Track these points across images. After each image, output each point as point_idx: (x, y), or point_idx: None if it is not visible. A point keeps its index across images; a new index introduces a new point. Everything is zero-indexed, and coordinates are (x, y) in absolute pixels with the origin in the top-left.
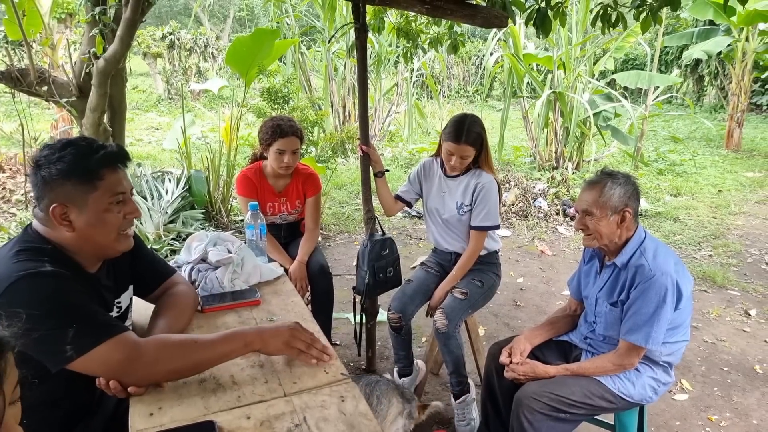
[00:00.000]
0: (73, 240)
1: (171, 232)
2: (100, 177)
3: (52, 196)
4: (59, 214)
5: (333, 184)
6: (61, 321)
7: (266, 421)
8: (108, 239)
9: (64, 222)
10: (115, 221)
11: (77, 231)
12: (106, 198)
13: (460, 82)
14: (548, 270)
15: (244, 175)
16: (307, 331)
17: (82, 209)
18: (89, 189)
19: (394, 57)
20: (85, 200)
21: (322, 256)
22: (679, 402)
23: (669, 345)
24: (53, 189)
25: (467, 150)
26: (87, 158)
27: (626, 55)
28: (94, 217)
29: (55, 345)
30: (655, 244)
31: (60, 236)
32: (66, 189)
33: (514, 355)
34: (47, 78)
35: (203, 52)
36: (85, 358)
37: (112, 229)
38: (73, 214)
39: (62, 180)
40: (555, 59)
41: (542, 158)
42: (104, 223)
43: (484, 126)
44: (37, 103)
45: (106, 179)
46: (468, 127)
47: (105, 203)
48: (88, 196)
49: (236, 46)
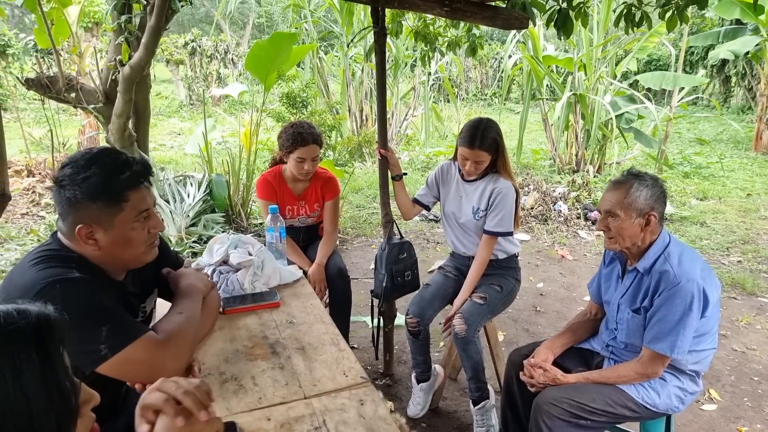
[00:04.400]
0: (100, 256)
1: (192, 235)
2: (126, 199)
3: (78, 217)
4: (85, 234)
5: (350, 187)
6: (95, 321)
7: (286, 423)
8: (135, 254)
9: (90, 241)
10: (141, 237)
11: (103, 249)
12: (132, 217)
13: (477, 85)
14: (569, 275)
15: (264, 179)
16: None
17: (107, 230)
18: (115, 211)
19: (411, 61)
20: (111, 221)
21: (340, 259)
22: (707, 412)
23: (696, 353)
24: (78, 210)
25: (482, 155)
26: (112, 180)
27: (649, 56)
28: (120, 237)
29: (90, 344)
30: (680, 249)
31: (85, 251)
32: (91, 211)
33: (535, 371)
34: (75, 85)
35: (224, 58)
36: (119, 357)
37: (138, 246)
38: (99, 233)
39: (88, 203)
40: (576, 61)
41: (562, 161)
42: (130, 241)
43: (501, 130)
44: (65, 110)
45: (132, 200)
46: (483, 132)
47: (130, 222)
48: (115, 217)
49: (255, 51)
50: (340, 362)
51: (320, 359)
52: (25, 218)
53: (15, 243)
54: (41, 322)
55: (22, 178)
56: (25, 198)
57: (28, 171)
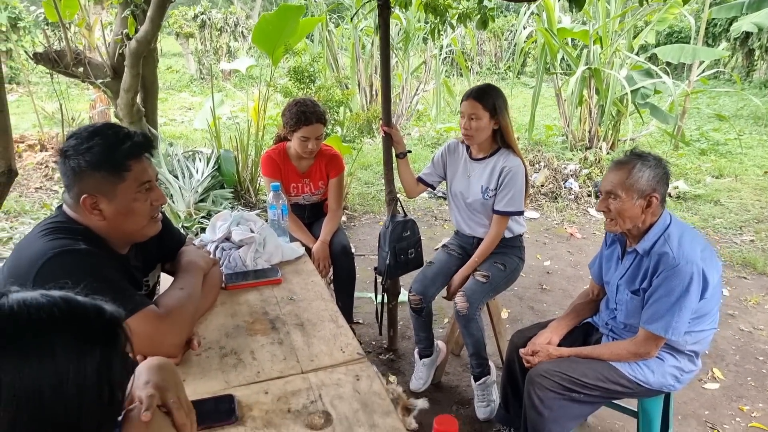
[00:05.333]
0: (104, 227)
1: (201, 211)
2: (128, 168)
3: (82, 186)
4: (89, 204)
5: (359, 164)
6: (98, 292)
7: (283, 397)
8: (137, 226)
9: (95, 211)
10: (144, 209)
11: (108, 220)
12: (134, 187)
13: (491, 59)
14: (577, 253)
15: (269, 156)
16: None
17: (111, 199)
18: (117, 180)
19: (422, 34)
20: (114, 191)
21: (344, 237)
22: (709, 391)
23: (695, 334)
24: (82, 180)
25: (477, 108)
26: (114, 150)
27: (670, 27)
28: (123, 207)
29: None
30: (680, 230)
31: (91, 223)
32: (95, 180)
33: (537, 356)
34: (83, 59)
35: (233, 31)
36: None
37: (140, 217)
38: (103, 203)
39: (91, 171)
40: (591, 33)
41: (575, 138)
42: (133, 212)
43: (506, 101)
44: (76, 84)
45: (133, 170)
46: (484, 89)
47: (133, 192)
48: (117, 186)
49: (262, 24)
50: (337, 338)
51: (318, 335)
52: (38, 192)
53: (29, 217)
54: (110, 324)
55: (35, 153)
56: (38, 172)
57: (41, 145)
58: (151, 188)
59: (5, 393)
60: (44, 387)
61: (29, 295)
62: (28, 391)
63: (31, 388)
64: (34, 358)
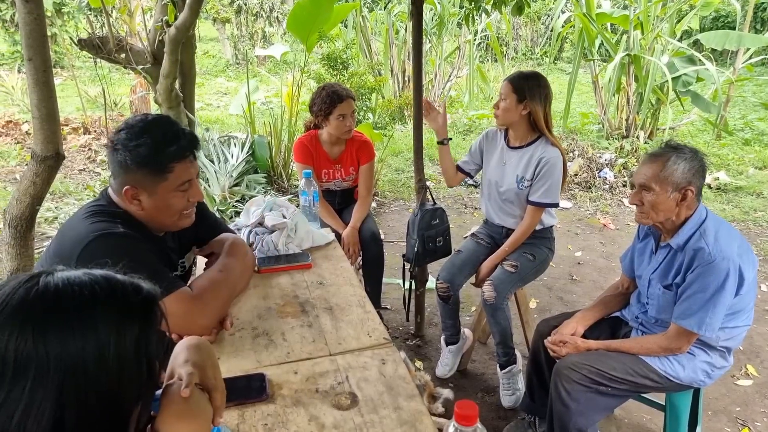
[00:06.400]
0: (143, 215)
1: (236, 195)
2: (170, 170)
3: (125, 179)
4: (131, 195)
5: (390, 150)
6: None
7: (311, 377)
8: (171, 220)
9: (135, 201)
10: (179, 205)
11: (145, 210)
12: (174, 186)
13: (527, 44)
14: (609, 244)
15: (301, 142)
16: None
17: (151, 194)
18: (159, 180)
19: (456, 19)
20: (155, 188)
21: (374, 223)
22: (742, 388)
23: (729, 330)
24: (127, 173)
25: (507, 89)
26: (160, 152)
27: (716, 12)
28: (161, 202)
29: None
30: (716, 225)
31: (130, 209)
32: (138, 176)
33: (560, 347)
34: (125, 46)
35: (269, 16)
36: None
37: (175, 212)
38: (143, 196)
39: (136, 168)
40: (632, 18)
41: (611, 126)
42: (169, 207)
43: (547, 89)
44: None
45: (176, 171)
46: (523, 73)
47: (172, 191)
48: (158, 185)
49: (296, 11)
50: (365, 323)
51: (346, 319)
52: (82, 174)
53: (73, 198)
54: (147, 300)
55: (79, 136)
56: (82, 155)
57: (84, 129)
58: (190, 186)
59: (53, 364)
60: (87, 358)
61: (73, 274)
62: (73, 361)
63: (75, 359)
64: (78, 331)
